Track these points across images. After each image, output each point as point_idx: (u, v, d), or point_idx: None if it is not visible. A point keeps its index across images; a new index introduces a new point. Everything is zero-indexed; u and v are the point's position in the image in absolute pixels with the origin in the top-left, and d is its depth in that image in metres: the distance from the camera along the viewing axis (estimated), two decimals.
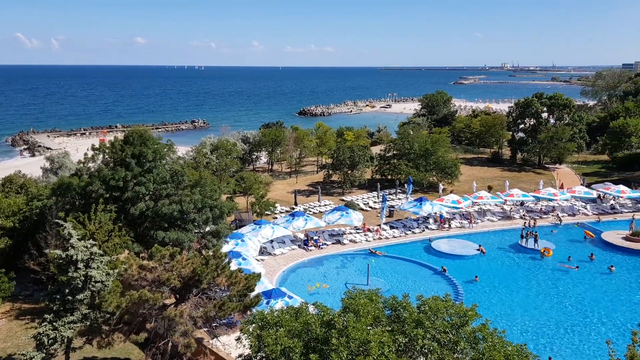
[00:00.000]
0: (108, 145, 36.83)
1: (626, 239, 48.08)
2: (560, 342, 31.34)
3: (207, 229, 36.74)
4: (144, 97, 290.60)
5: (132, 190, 33.71)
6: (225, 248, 37.18)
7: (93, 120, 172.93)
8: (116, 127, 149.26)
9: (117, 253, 29.52)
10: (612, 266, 42.37)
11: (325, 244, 47.07)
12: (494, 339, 16.93)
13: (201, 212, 34.83)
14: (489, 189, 64.38)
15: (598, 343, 30.42)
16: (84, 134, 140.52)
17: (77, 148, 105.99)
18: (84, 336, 22.80)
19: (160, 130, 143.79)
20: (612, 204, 60.35)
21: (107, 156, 36.41)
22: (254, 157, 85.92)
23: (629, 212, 57.60)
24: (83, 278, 22.70)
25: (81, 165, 37.26)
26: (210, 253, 24.51)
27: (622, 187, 59.86)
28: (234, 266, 27.48)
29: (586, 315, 34.81)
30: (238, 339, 19.07)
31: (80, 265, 22.70)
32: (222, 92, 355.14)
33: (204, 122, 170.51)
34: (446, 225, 52.46)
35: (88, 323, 22.67)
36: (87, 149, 38.53)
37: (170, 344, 22.80)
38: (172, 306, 22.76)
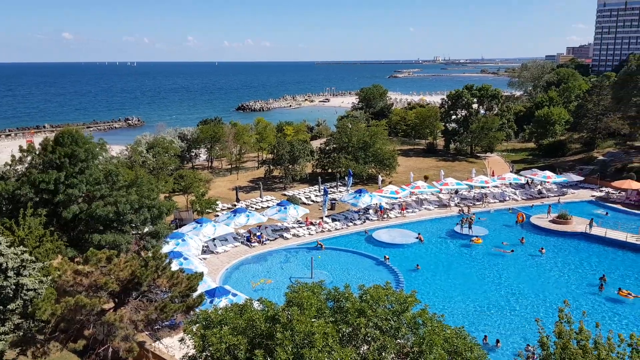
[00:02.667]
0: (37, 146, 35.05)
1: (553, 221, 51.09)
2: (496, 322, 33.02)
3: (146, 229, 35.78)
4: (74, 95, 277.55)
5: (64, 192, 32.30)
6: (166, 248, 36.40)
7: (19, 120, 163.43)
8: (44, 127, 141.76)
9: (50, 259, 28.17)
10: (542, 248, 44.91)
11: (268, 239, 47.03)
12: (434, 323, 17.62)
13: (138, 212, 33.85)
14: (425, 178, 66.47)
15: (531, 321, 32.25)
16: (9, 135, 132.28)
17: (2, 150, 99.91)
18: (17, 347, 21.73)
19: (92, 129, 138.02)
20: (539, 189, 63.86)
21: (36, 158, 34.63)
22: (193, 154, 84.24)
23: (555, 196, 61.22)
24: (14, 286, 21.59)
25: (7, 168, 35.24)
26: (150, 254, 23.99)
27: (548, 173, 63.47)
28: (175, 267, 27.02)
29: (520, 295, 36.80)
30: (181, 340, 18.81)
31: (11, 273, 21.58)
32: (156, 88, 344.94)
33: (139, 120, 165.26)
34: (386, 216, 53.73)
35: (21, 333, 21.61)
36: (12, 151, 36.50)
37: (110, 349, 22.15)
38: (111, 311, 22.13)
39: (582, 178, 65.67)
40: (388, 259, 42.31)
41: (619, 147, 79.28)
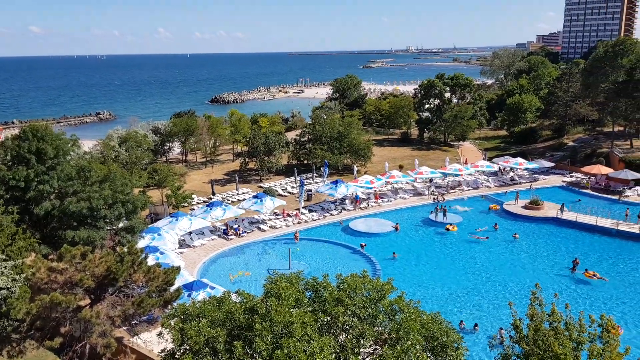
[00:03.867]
0: (4, 143, 34.24)
1: (525, 207, 52.19)
2: (472, 307, 33.71)
3: (121, 225, 35.38)
4: (43, 90, 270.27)
5: (35, 189, 31.68)
6: (141, 243, 36.07)
7: None
8: (13, 123, 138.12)
9: (23, 257, 27.67)
10: (515, 234, 45.89)
11: (245, 232, 46.96)
12: (410, 309, 17.93)
13: (112, 208, 33.43)
14: (400, 168, 67.11)
15: (506, 305, 32.99)
16: None
17: None
18: None
19: (62, 124, 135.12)
20: (511, 176, 65.11)
21: (2, 155, 33.85)
22: (167, 148, 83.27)
23: (526, 182, 62.50)
24: None
25: None
26: (125, 250, 23.78)
27: (519, 160, 64.77)
28: (151, 261, 26.80)
29: (495, 280, 37.64)
30: (160, 334, 18.75)
31: None
32: (127, 81, 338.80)
33: (110, 114, 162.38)
34: (362, 205, 54.14)
35: None
36: None
37: (88, 346, 21.96)
38: (88, 307, 21.91)
39: (553, 164, 67.16)
40: (364, 245, 42.87)
41: (588, 133, 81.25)
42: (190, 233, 44.95)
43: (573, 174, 64.99)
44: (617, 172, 58.73)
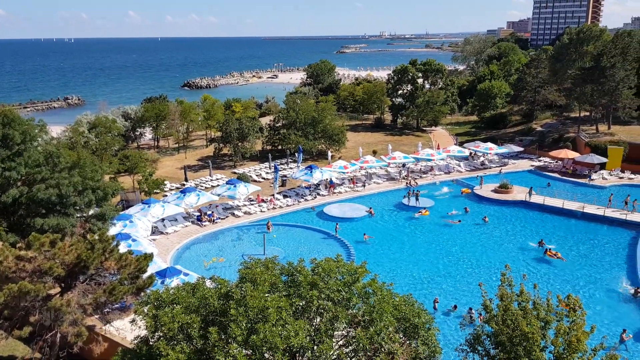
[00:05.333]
0: None
1: (495, 191, 53.22)
2: (443, 288, 34.38)
3: (91, 212, 34.76)
4: (8, 74, 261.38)
5: (2, 176, 30.84)
6: (113, 230, 35.53)
7: None
8: None
9: None
10: (485, 217, 46.81)
11: (219, 218, 46.71)
12: (383, 292, 18.21)
13: (82, 194, 32.79)
14: (374, 153, 67.50)
15: (477, 286, 33.77)
16: None
17: None
18: None
19: (29, 109, 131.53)
20: (482, 161, 66.20)
21: None
22: (138, 133, 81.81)
23: (496, 166, 63.67)
24: None
25: None
26: (96, 237, 23.41)
27: (490, 145, 65.85)
28: (123, 248, 26.45)
29: (466, 262, 38.43)
30: (132, 322, 18.62)
31: None
32: (97, 66, 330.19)
33: (79, 99, 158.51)
34: (336, 190, 54.38)
35: None
36: None
37: (58, 335, 21.67)
38: (58, 296, 21.57)
39: (522, 149, 68.49)
40: (338, 225, 43.48)
41: (556, 118, 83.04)
42: (163, 220, 44.48)
43: (541, 159, 66.46)
44: (584, 156, 60.30)
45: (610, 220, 45.18)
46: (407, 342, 18.05)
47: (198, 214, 46.94)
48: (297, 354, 16.52)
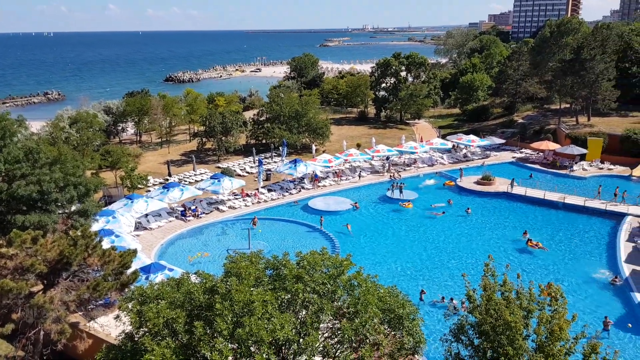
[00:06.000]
0: None
1: (477, 183, 53.75)
2: (428, 279, 34.72)
3: (73, 208, 34.32)
4: None
5: None
6: (96, 227, 35.18)
7: None
8: None
9: None
10: (468, 209, 47.28)
11: (204, 213, 46.49)
12: (368, 284, 18.37)
13: (64, 190, 32.36)
14: (358, 146, 67.66)
15: (460, 276, 34.12)
16: None
17: None
18: None
19: (8, 105, 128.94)
20: (464, 153, 66.75)
21: None
22: (120, 128, 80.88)
23: (479, 159, 64.27)
24: None
25: None
26: (79, 233, 23.18)
27: (472, 137, 66.42)
28: (106, 245, 26.22)
29: (450, 253, 38.84)
30: (117, 318, 18.51)
31: None
32: (77, 60, 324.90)
33: (59, 94, 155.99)
34: (320, 184, 54.44)
35: None
36: None
37: (42, 332, 21.45)
38: (41, 293, 21.33)
39: (503, 141, 69.23)
40: (323, 220, 43.60)
41: (537, 110, 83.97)
42: (146, 215, 44.12)
43: (523, 150, 67.23)
44: (564, 147, 61.14)
45: (590, 211, 45.95)
46: (392, 333, 18.24)
47: (182, 209, 46.66)
48: (283, 347, 16.61)
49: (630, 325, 28.69)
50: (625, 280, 33.35)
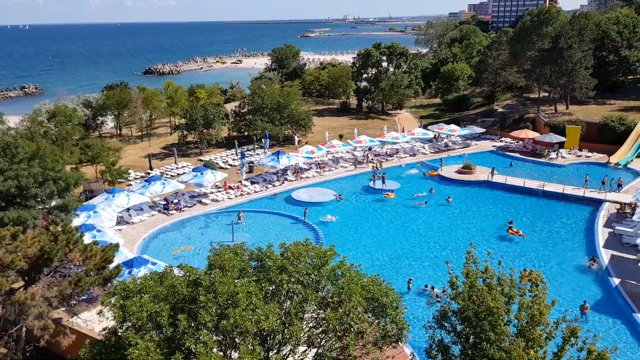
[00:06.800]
0: None
1: (458, 172, 54.28)
2: (412, 267, 35.07)
3: (53, 203, 33.90)
4: None
5: None
6: (76, 222, 34.76)
7: None
8: None
9: None
10: (449, 197, 47.76)
11: (186, 206, 46.22)
12: (352, 273, 18.51)
13: (43, 186, 31.95)
14: (340, 137, 67.73)
15: (443, 264, 34.54)
16: None
17: None
18: None
19: None
20: (445, 142, 67.28)
21: None
22: (99, 122, 79.74)
23: (460, 148, 64.84)
24: None
25: None
26: (59, 229, 22.90)
27: (453, 127, 66.96)
28: (88, 239, 25.97)
29: (432, 241, 39.27)
30: (100, 313, 18.38)
31: None
32: (54, 53, 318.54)
33: (36, 88, 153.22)
34: (304, 175, 54.47)
35: None
36: None
37: (24, 329, 21.23)
38: (22, 289, 21.09)
39: (484, 130, 69.91)
40: (307, 211, 43.71)
41: (517, 99, 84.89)
42: (128, 209, 43.73)
43: (502, 139, 67.98)
44: (543, 135, 61.99)
45: (568, 197, 46.74)
46: (376, 321, 18.44)
47: (164, 202, 46.34)
48: (268, 337, 16.69)
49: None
50: (604, 266, 34.08)
